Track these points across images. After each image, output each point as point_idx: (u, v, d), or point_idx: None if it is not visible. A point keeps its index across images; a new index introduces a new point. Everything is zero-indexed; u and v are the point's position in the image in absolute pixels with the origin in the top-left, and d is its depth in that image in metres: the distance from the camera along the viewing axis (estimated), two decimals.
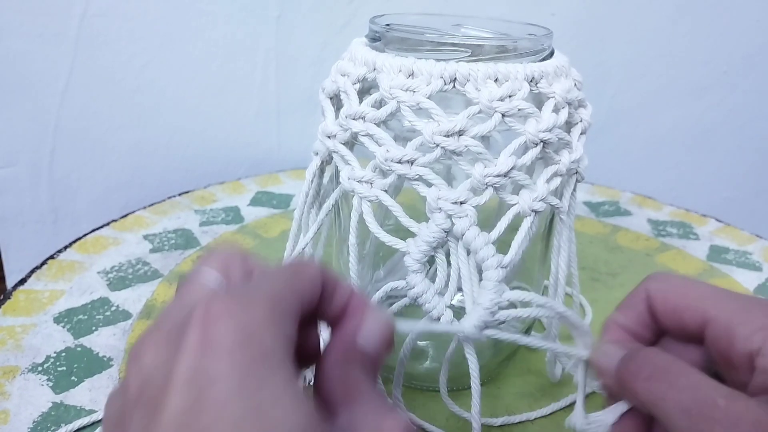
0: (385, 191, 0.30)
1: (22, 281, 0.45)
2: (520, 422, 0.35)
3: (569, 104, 0.31)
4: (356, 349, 0.23)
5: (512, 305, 0.29)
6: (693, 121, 0.79)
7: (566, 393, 0.38)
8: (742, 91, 0.77)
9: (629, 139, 0.79)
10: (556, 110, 0.30)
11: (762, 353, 0.23)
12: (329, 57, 0.68)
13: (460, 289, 0.29)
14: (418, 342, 0.31)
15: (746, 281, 0.51)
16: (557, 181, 0.31)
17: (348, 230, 0.40)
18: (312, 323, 0.24)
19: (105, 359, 0.39)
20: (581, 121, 0.32)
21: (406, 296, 0.30)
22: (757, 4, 0.72)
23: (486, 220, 0.30)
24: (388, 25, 0.33)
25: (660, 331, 0.27)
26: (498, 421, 0.34)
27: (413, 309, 0.30)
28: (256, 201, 0.62)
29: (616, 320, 0.28)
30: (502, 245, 0.30)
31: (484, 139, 0.30)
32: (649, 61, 0.75)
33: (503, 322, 0.28)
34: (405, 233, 0.30)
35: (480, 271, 0.29)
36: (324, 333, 0.24)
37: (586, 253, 0.54)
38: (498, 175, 0.29)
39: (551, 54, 0.33)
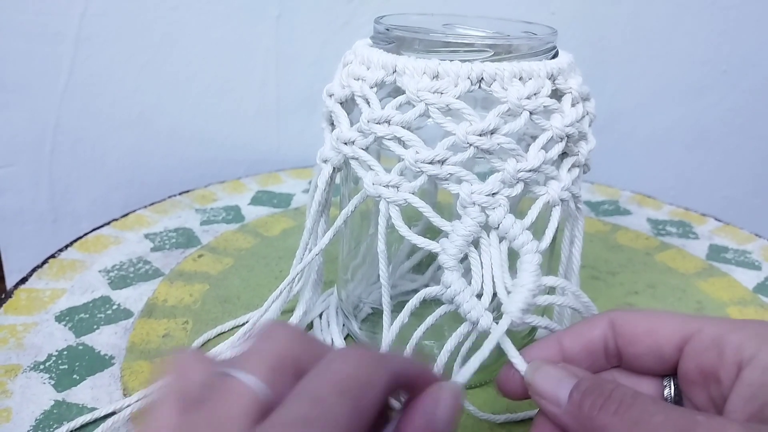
0: (413, 193, 0.30)
1: (24, 280, 0.45)
2: (522, 420, 0.35)
3: (582, 98, 0.32)
4: (436, 426, 0.21)
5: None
6: (692, 121, 0.79)
7: None
8: (741, 91, 0.78)
9: (629, 138, 0.80)
10: (573, 104, 0.31)
11: (752, 364, 0.22)
12: (329, 56, 0.68)
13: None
14: (424, 341, 0.30)
15: (745, 280, 0.51)
16: (576, 171, 0.32)
17: (354, 233, 0.40)
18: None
19: (107, 357, 0.39)
20: (588, 113, 0.33)
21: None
22: (757, 4, 0.73)
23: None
24: (399, 27, 0.32)
25: (605, 362, 0.26)
26: (500, 418, 0.34)
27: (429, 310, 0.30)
28: (256, 200, 0.62)
29: (560, 340, 0.27)
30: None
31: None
32: (649, 60, 0.75)
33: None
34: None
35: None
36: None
37: (586, 251, 0.53)
38: (530, 170, 0.29)
39: (557, 52, 0.33)
